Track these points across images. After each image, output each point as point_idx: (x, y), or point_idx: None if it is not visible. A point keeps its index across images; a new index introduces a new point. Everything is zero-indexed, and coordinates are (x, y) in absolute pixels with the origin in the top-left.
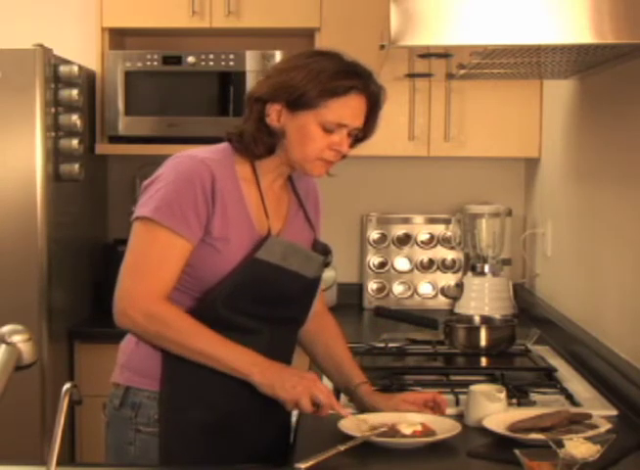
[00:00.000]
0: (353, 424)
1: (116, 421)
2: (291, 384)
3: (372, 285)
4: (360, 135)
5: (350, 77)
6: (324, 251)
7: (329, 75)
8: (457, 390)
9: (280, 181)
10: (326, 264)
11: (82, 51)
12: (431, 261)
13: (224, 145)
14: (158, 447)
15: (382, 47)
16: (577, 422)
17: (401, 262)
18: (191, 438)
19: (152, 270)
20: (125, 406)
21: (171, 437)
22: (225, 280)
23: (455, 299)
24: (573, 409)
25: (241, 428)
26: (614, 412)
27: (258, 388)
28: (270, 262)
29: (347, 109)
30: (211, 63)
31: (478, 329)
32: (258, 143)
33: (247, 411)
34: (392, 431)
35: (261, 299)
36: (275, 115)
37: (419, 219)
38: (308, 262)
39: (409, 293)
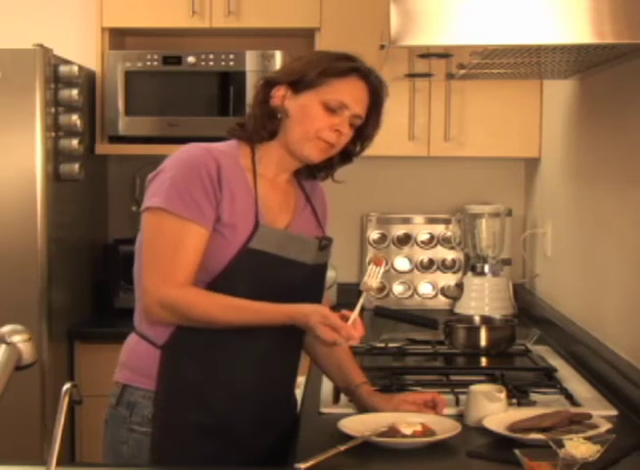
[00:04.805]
0: (354, 424)
1: (113, 420)
2: (309, 323)
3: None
4: (366, 132)
5: (351, 61)
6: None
7: (330, 58)
8: (457, 390)
9: (285, 176)
10: (322, 248)
11: (82, 51)
12: (431, 261)
13: (228, 141)
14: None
15: (382, 47)
16: (577, 422)
17: (401, 262)
18: (185, 439)
19: (165, 260)
20: (121, 405)
21: (164, 437)
22: (226, 271)
23: (455, 299)
24: (573, 409)
25: (240, 431)
26: (614, 412)
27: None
28: (266, 251)
29: (347, 88)
30: (211, 63)
31: (478, 329)
32: (259, 126)
33: (248, 414)
34: (392, 431)
35: (267, 291)
36: (279, 97)
37: (419, 219)
38: (304, 248)
39: (409, 293)
